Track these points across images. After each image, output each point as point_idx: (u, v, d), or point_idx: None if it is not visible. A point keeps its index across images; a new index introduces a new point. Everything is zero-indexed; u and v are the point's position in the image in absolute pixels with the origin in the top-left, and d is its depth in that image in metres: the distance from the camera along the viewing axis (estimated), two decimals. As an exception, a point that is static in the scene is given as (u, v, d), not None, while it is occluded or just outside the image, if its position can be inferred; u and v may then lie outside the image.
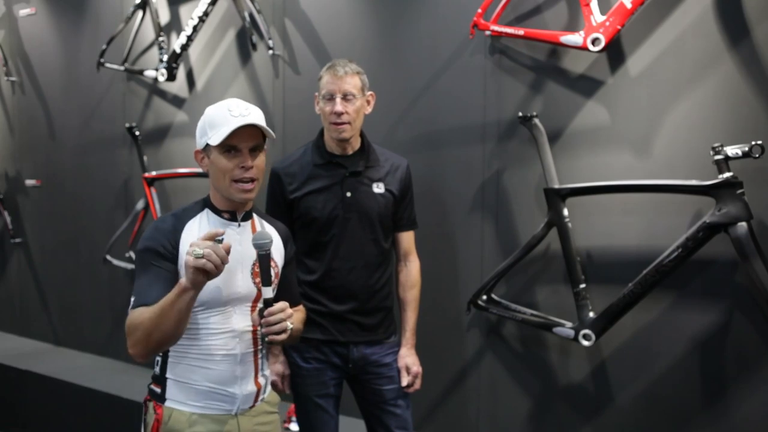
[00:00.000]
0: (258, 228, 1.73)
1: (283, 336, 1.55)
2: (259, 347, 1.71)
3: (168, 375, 1.63)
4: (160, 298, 1.48)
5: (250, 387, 1.68)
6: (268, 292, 1.55)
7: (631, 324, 2.39)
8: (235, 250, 1.62)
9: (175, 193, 3.73)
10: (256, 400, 1.71)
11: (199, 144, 1.65)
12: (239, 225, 1.68)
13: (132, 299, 1.54)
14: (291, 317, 1.57)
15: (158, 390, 1.64)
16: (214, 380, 1.62)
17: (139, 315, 1.49)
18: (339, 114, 2.05)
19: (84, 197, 4.23)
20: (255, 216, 1.75)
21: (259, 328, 1.62)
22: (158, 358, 1.65)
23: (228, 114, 1.58)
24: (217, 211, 1.67)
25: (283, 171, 2.14)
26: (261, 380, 1.72)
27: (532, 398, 2.67)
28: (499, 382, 2.75)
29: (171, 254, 1.58)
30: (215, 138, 1.57)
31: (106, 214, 4.08)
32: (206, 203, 1.69)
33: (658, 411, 2.40)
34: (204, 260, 1.40)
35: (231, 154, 1.59)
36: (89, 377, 3.70)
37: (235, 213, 1.68)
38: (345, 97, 2.06)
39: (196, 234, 1.60)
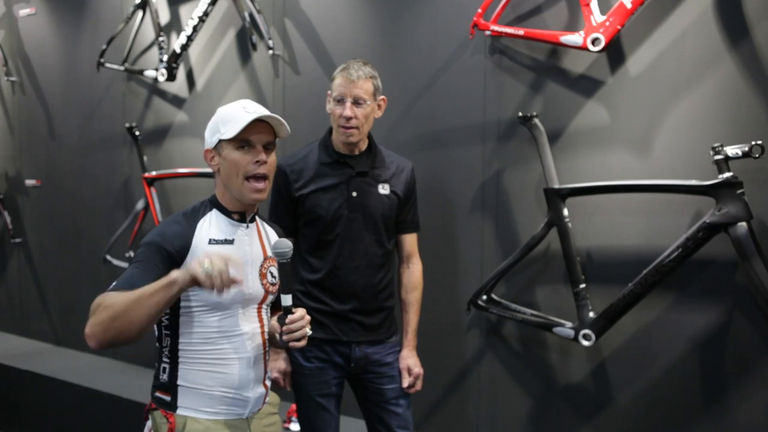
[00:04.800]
0: (261, 231, 1.73)
1: (303, 342, 1.59)
2: (267, 349, 1.70)
3: (179, 382, 1.58)
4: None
5: (261, 389, 1.68)
6: (288, 300, 1.56)
7: (631, 324, 2.39)
8: (244, 252, 1.63)
9: (175, 193, 3.73)
10: (263, 402, 1.71)
11: (211, 142, 1.62)
12: (247, 226, 1.67)
13: (113, 284, 1.46)
14: (309, 323, 1.60)
15: (167, 398, 1.59)
16: (229, 385, 1.59)
17: (113, 296, 1.40)
18: (348, 119, 2.05)
19: (84, 197, 4.23)
20: (257, 218, 1.74)
21: (276, 334, 1.62)
22: (165, 366, 1.60)
23: (242, 110, 1.57)
24: (225, 212, 1.64)
25: (290, 168, 2.14)
26: (267, 382, 1.72)
27: (532, 398, 2.68)
28: (499, 382, 2.75)
29: (177, 257, 1.53)
30: (229, 132, 1.56)
31: (106, 214, 4.08)
32: (213, 204, 1.65)
33: (658, 411, 2.40)
34: (208, 280, 1.35)
35: (245, 150, 1.58)
36: (89, 377, 3.70)
37: (244, 214, 1.66)
38: (355, 102, 2.05)
39: (206, 237, 1.58)
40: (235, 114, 1.57)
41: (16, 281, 4.76)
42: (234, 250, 1.60)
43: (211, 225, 1.61)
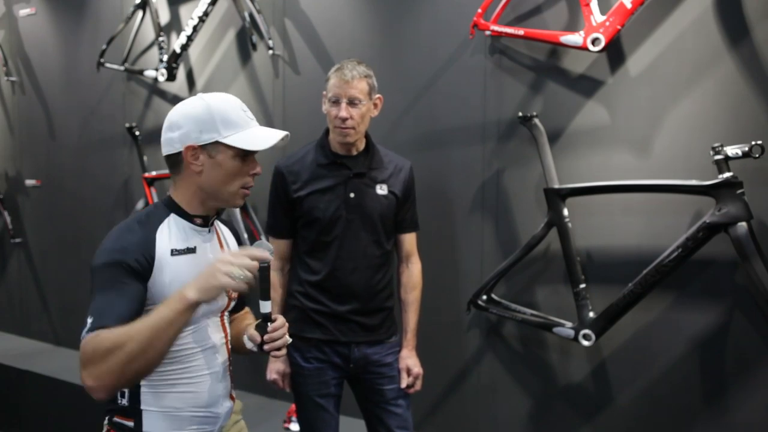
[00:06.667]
0: (220, 234, 1.61)
1: (284, 351, 1.50)
2: (231, 359, 1.61)
3: (143, 407, 1.44)
4: (125, 319, 1.27)
5: (229, 403, 1.58)
6: (267, 306, 1.46)
7: (631, 324, 2.39)
8: (207, 260, 1.48)
9: (175, 193, 3.73)
10: (229, 416, 1.60)
11: (200, 139, 1.42)
12: (209, 231, 1.52)
13: (88, 320, 1.28)
14: (288, 330, 1.51)
15: (129, 423, 1.44)
16: (199, 403, 1.48)
17: (108, 339, 1.23)
18: (343, 119, 2.04)
19: (84, 197, 4.23)
20: (215, 221, 1.60)
21: (247, 341, 1.54)
22: (125, 390, 1.45)
23: (245, 116, 1.45)
24: (186, 216, 1.47)
25: (287, 169, 2.14)
26: (233, 393, 1.63)
27: (532, 398, 2.68)
28: (499, 382, 2.75)
29: (145, 269, 1.36)
30: (238, 139, 1.42)
31: (106, 214, 4.08)
32: (170, 207, 1.48)
33: (658, 411, 2.40)
34: (244, 284, 1.27)
35: (244, 160, 1.45)
36: (89, 377, 3.70)
37: (208, 218, 1.50)
38: (351, 102, 2.04)
39: (167, 247, 1.41)
40: (240, 119, 1.44)
41: (16, 281, 4.76)
42: (196, 260, 1.46)
43: (170, 233, 1.43)
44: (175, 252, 1.42)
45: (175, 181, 1.49)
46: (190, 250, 1.45)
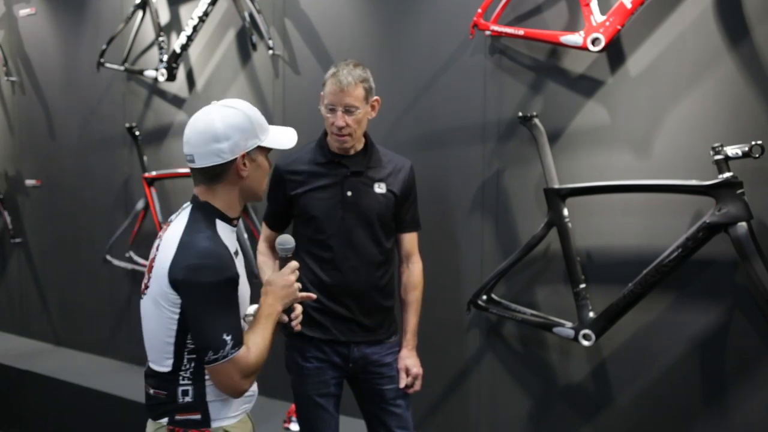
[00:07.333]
0: None
1: (299, 327, 1.70)
2: None
3: (209, 399, 1.56)
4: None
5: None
6: None
7: (631, 324, 2.39)
8: (241, 258, 1.64)
9: (175, 193, 3.73)
10: None
11: (245, 146, 1.55)
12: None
13: (227, 337, 1.47)
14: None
15: (197, 417, 1.56)
16: None
17: (257, 351, 1.53)
18: (340, 128, 2.04)
19: (84, 197, 4.23)
20: None
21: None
22: (187, 388, 1.56)
23: (264, 118, 1.62)
24: (228, 220, 1.60)
25: (285, 168, 2.15)
26: None
27: (532, 398, 2.68)
28: (499, 382, 2.75)
29: (237, 278, 1.53)
30: (277, 142, 1.61)
31: (106, 214, 4.08)
32: (214, 213, 1.58)
33: (658, 411, 2.40)
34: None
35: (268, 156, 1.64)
36: (89, 377, 3.70)
37: (238, 218, 1.65)
38: (347, 110, 2.04)
39: (231, 249, 1.55)
40: (264, 121, 1.60)
41: (16, 281, 4.76)
42: (240, 259, 1.61)
43: (226, 239, 1.56)
44: (236, 255, 1.58)
45: (211, 189, 1.58)
46: (236, 253, 1.60)
